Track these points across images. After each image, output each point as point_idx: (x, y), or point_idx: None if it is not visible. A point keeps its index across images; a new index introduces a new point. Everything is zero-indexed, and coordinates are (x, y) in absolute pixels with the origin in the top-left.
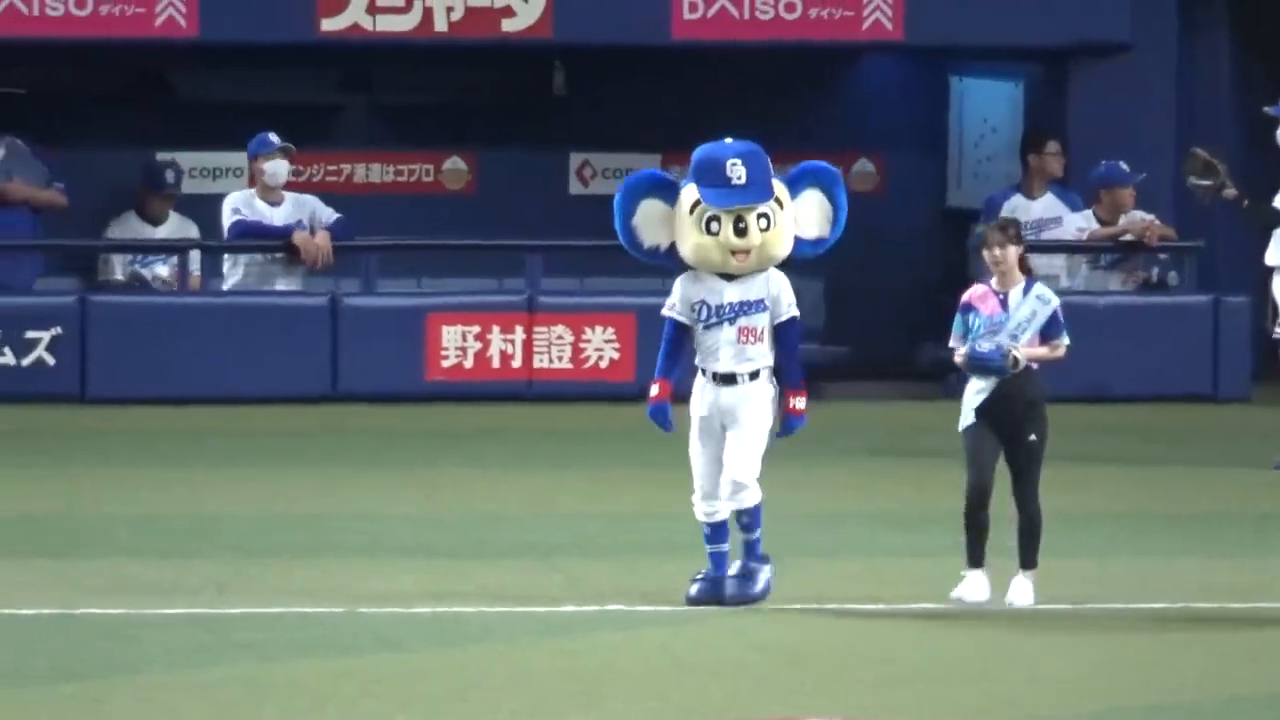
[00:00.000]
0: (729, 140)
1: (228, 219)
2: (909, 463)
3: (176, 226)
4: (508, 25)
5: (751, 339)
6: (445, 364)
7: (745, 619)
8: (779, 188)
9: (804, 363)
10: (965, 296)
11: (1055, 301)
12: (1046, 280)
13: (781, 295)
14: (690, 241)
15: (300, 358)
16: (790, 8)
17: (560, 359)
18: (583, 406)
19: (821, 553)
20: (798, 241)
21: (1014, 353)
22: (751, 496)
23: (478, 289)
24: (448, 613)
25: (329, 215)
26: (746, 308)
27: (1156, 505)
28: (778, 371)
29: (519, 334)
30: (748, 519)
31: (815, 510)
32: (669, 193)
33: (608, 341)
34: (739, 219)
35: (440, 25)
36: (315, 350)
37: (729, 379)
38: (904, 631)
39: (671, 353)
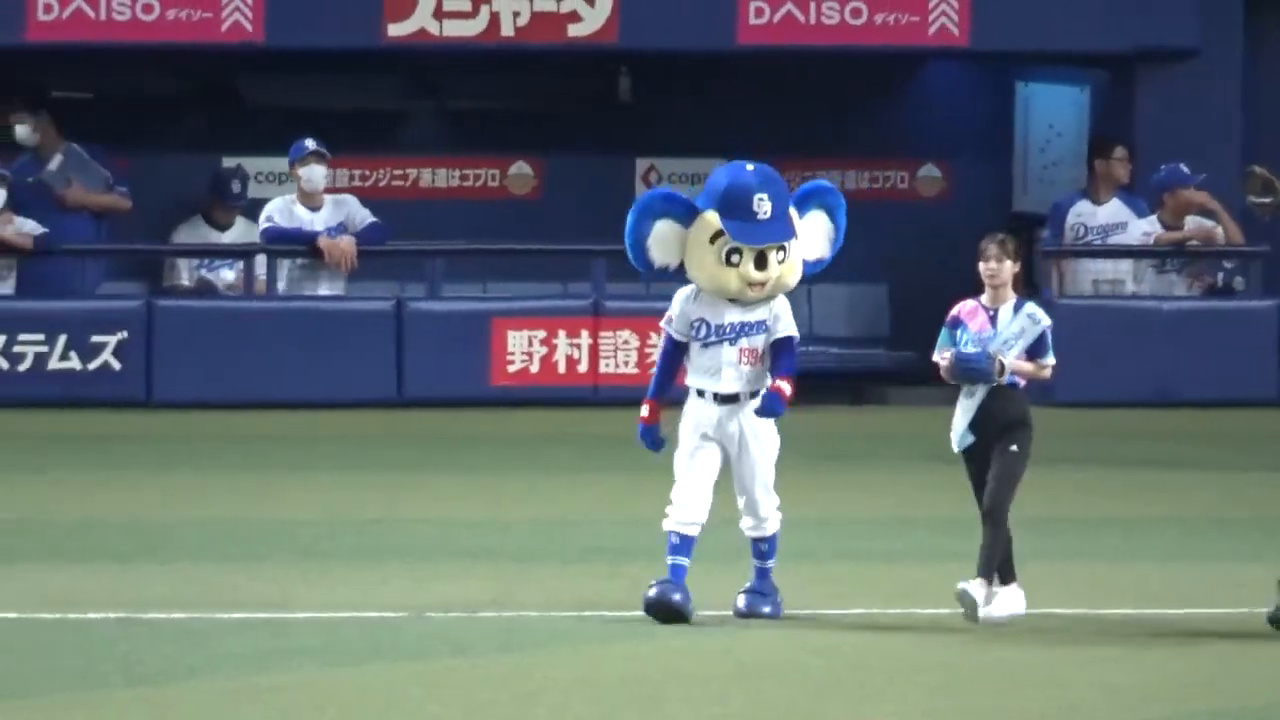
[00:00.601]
0: (750, 167)
1: (261, 225)
2: None
3: (243, 231)
4: (574, 30)
5: (753, 360)
6: (511, 369)
7: (807, 625)
8: (793, 216)
9: (870, 368)
10: (954, 311)
11: (1046, 322)
12: (1113, 285)
13: (782, 316)
14: (707, 270)
15: (366, 362)
16: (856, 13)
17: (626, 364)
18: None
19: (885, 558)
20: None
21: (1000, 358)
22: (773, 525)
23: (543, 294)
24: (513, 617)
25: (363, 219)
26: (749, 329)
27: (1223, 510)
28: (771, 368)
29: (584, 339)
30: (767, 547)
31: (879, 515)
32: (683, 212)
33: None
34: (761, 254)
35: (507, 30)
36: (381, 355)
37: (731, 399)
38: (967, 636)
39: (667, 370)
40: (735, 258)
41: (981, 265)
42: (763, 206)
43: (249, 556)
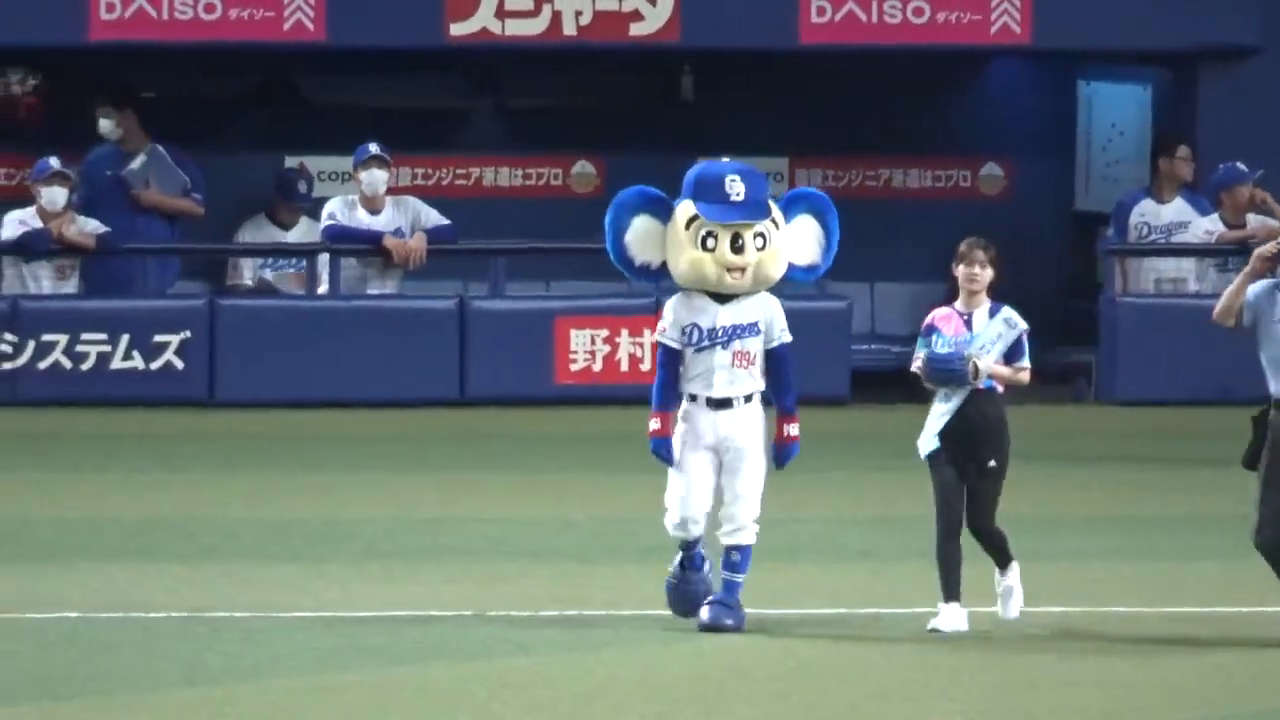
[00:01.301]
0: (726, 159)
1: (322, 224)
2: (1037, 467)
3: (306, 230)
4: (636, 29)
5: (745, 363)
6: (573, 367)
7: (868, 624)
8: (774, 209)
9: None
10: (929, 318)
11: (1024, 326)
12: (1175, 284)
13: (775, 319)
14: (685, 257)
15: (428, 362)
16: (918, 11)
17: None
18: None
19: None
20: (791, 267)
21: (975, 360)
22: (749, 535)
23: (606, 292)
24: (575, 616)
25: (430, 219)
26: (740, 331)
27: None
28: (770, 398)
29: (647, 337)
30: (739, 557)
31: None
32: (662, 209)
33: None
34: (736, 236)
35: (569, 29)
36: (443, 354)
37: (724, 403)
38: (1029, 636)
39: (669, 382)
40: (711, 241)
41: (963, 269)
42: (735, 187)
43: (311, 556)
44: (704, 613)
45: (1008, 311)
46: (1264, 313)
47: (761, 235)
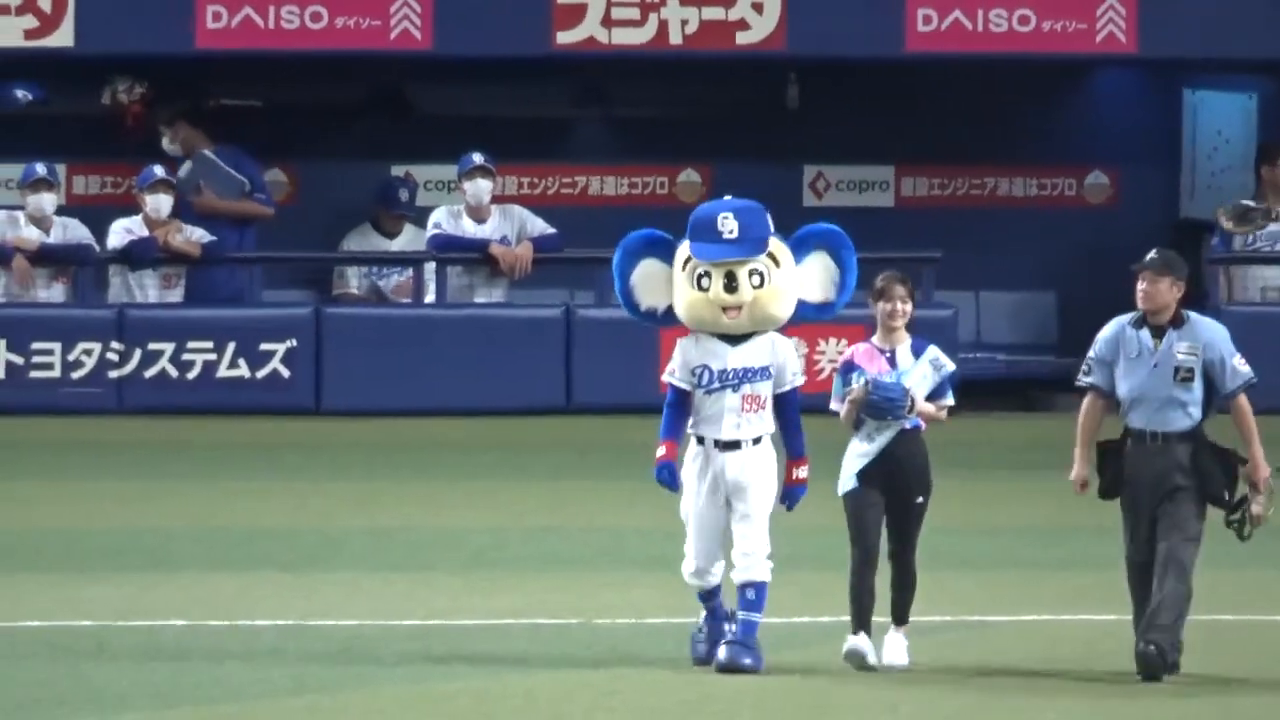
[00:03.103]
0: (728, 197)
1: (428, 233)
2: None
3: (411, 238)
4: (742, 38)
5: (755, 406)
6: None
7: (974, 631)
8: (778, 246)
9: (1037, 375)
10: (846, 355)
11: (951, 368)
12: None
13: (787, 363)
14: (684, 300)
15: (534, 370)
16: (1024, 20)
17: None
18: (816, 418)
19: (1052, 565)
20: (801, 305)
21: (912, 392)
22: (763, 571)
23: None
24: (681, 625)
25: (537, 227)
26: (751, 375)
27: None
28: (780, 441)
29: None
30: (754, 595)
31: (1044, 522)
32: (666, 252)
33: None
34: (730, 274)
35: (675, 38)
36: (549, 362)
37: (732, 445)
38: (1123, 642)
39: (676, 417)
40: (705, 281)
41: (881, 305)
42: (727, 225)
43: (418, 565)
44: (721, 652)
45: (934, 352)
46: (1119, 352)
47: (759, 273)
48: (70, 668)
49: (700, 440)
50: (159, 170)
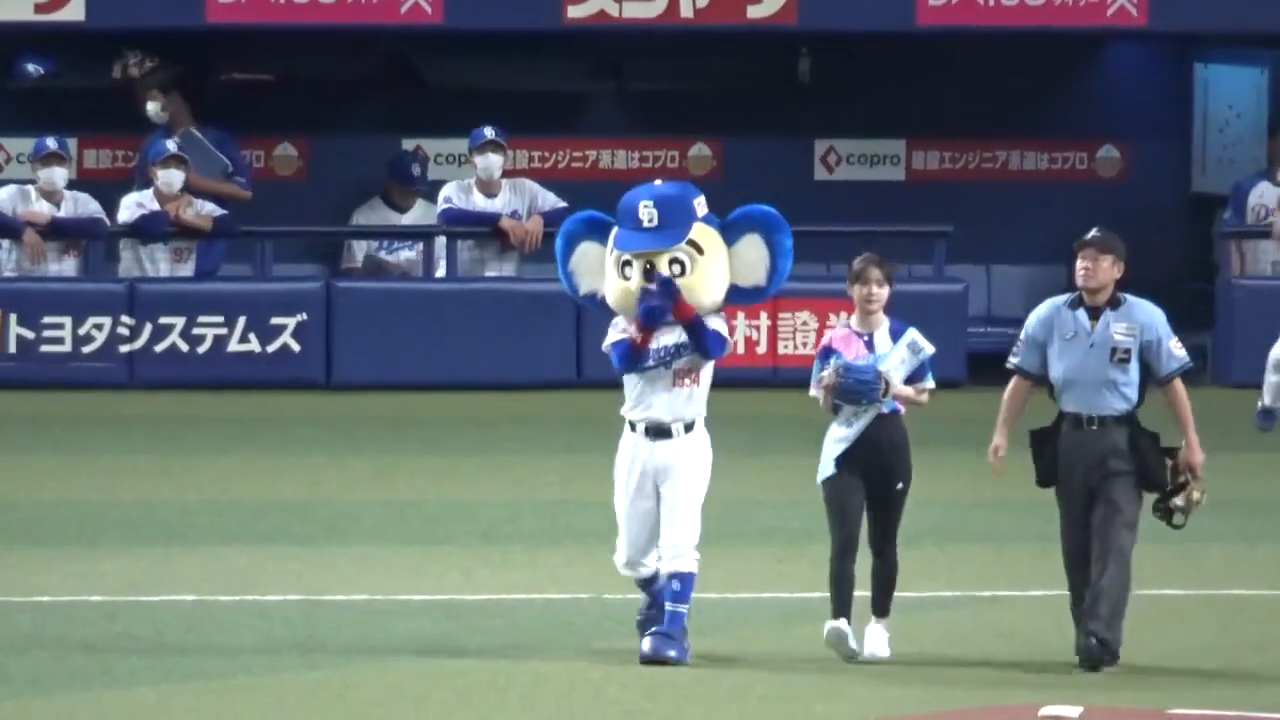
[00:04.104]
0: (659, 182)
1: (439, 207)
2: None
3: (422, 213)
4: (753, 12)
5: (688, 382)
6: None
7: (988, 606)
8: (704, 232)
9: None
10: (825, 340)
11: (929, 351)
12: None
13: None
14: (610, 287)
15: (546, 344)
16: None
17: (805, 345)
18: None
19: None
20: (733, 289)
21: (886, 377)
22: (689, 562)
23: None
24: (695, 599)
25: (547, 201)
26: (684, 349)
27: None
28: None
29: (763, 320)
30: (679, 586)
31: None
32: (605, 234)
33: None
34: (649, 263)
35: (686, 12)
36: (560, 337)
37: (662, 432)
38: (1148, 620)
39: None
40: (628, 270)
41: (858, 288)
42: (647, 213)
43: (430, 539)
44: (645, 644)
45: (913, 334)
46: (1053, 333)
47: (679, 262)
48: (83, 642)
49: (632, 426)
50: (171, 145)
